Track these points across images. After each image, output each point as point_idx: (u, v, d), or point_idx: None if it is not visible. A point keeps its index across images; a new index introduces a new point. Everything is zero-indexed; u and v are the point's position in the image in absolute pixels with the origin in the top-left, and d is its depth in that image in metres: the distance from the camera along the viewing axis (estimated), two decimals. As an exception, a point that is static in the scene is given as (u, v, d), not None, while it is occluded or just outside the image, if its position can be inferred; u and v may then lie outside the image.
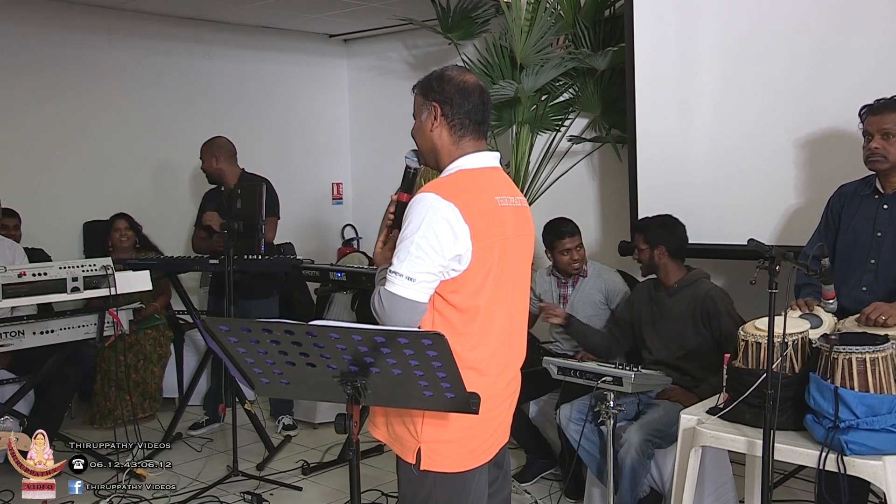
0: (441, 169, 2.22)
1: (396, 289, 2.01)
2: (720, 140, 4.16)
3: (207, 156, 4.82)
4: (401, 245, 2.04)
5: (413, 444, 2.10)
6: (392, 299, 2.01)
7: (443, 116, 2.17)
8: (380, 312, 2.04)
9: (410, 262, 2.01)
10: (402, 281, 2.01)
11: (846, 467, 2.39)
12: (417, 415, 2.09)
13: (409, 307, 2.01)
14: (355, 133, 7.21)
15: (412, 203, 2.07)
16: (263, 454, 4.52)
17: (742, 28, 4.03)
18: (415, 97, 2.25)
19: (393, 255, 2.06)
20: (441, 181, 2.15)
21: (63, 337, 3.98)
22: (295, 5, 5.81)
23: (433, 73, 2.24)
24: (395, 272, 2.02)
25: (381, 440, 2.21)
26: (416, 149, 2.27)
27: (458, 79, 2.19)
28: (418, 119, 2.23)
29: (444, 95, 2.18)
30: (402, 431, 2.12)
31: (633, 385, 3.18)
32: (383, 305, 2.02)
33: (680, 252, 3.69)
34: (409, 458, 2.10)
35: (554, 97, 5.01)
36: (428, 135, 2.21)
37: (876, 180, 3.06)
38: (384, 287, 2.03)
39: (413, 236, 2.01)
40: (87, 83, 5.75)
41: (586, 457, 3.53)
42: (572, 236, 4.07)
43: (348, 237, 7.06)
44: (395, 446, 2.16)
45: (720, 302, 3.53)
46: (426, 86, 2.22)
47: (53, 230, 5.53)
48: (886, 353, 2.45)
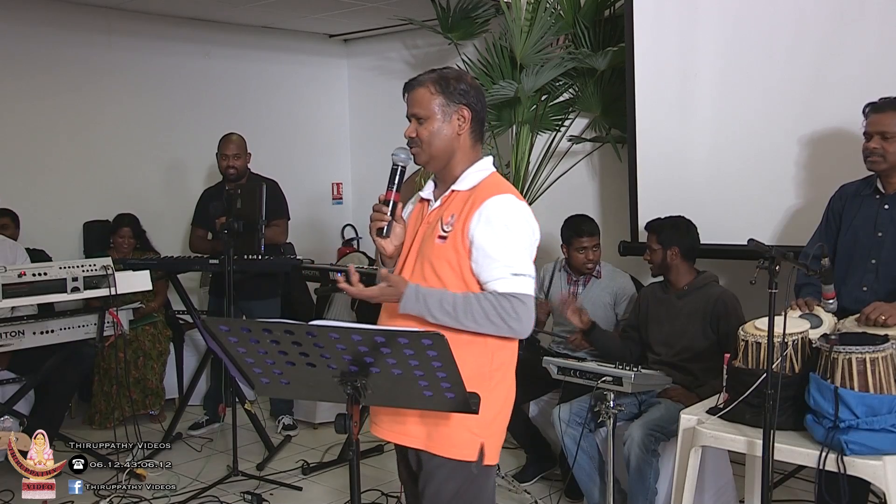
0: (450, 171, 2.22)
1: (528, 288, 2.08)
2: (720, 140, 4.16)
3: (243, 151, 4.81)
4: (506, 246, 2.08)
5: (475, 441, 2.12)
6: (530, 300, 2.08)
7: (470, 120, 2.19)
8: (521, 314, 2.06)
9: (527, 260, 2.10)
10: (528, 281, 2.09)
11: (846, 467, 2.40)
12: (483, 413, 2.08)
13: (535, 303, 2.10)
14: (355, 133, 7.21)
15: (499, 205, 2.10)
16: (263, 454, 4.52)
17: (742, 28, 4.04)
18: (428, 96, 2.18)
19: (498, 257, 2.07)
20: (504, 184, 2.21)
21: (63, 337, 3.98)
22: (295, 5, 5.81)
23: (449, 73, 2.21)
24: (520, 273, 2.07)
25: (411, 445, 2.18)
26: (407, 146, 2.23)
27: (475, 82, 2.23)
28: (435, 120, 2.18)
29: (470, 99, 2.19)
30: (458, 431, 2.11)
31: (633, 385, 3.18)
32: (526, 308, 2.06)
33: (692, 253, 3.69)
34: (470, 456, 2.12)
35: (554, 97, 5.01)
36: (453, 137, 2.19)
37: (877, 180, 3.06)
38: (515, 292, 2.05)
39: (517, 235, 2.10)
40: (87, 83, 5.74)
41: (581, 474, 3.51)
42: (591, 236, 4.06)
43: (348, 237, 7.06)
44: (442, 448, 2.13)
45: (731, 306, 3.54)
46: (448, 87, 2.18)
47: (53, 230, 5.52)
48: (886, 353, 2.45)
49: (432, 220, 2.23)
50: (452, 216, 2.16)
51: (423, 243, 2.21)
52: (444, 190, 2.25)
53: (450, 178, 2.24)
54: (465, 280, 2.13)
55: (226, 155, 4.77)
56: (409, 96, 2.22)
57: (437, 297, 2.08)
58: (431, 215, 2.24)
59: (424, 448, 2.15)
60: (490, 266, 2.09)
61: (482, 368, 2.12)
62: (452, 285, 2.12)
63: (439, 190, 2.29)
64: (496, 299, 2.06)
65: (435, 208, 2.25)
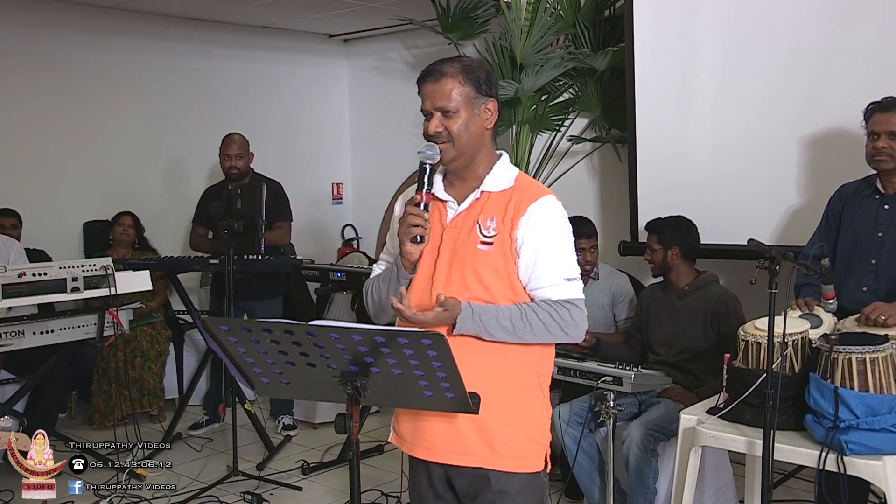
0: (473, 170, 2.10)
1: (580, 292, 2.06)
2: (720, 140, 4.16)
3: (245, 151, 4.81)
4: (558, 251, 2.05)
5: (540, 451, 2.10)
6: (583, 304, 2.05)
7: (496, 114, 2.10)
8: (578, 320, 2.03)
9: (575, 263, 2.07)
10: (579, 284, 2.06)
11: (846, 467, 2.39)
12: (538, 422, 2.09)
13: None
14: (355, 133, 7.21)
15: (547, 207, 2.05)
16: (263, 454, 4.52)
17: (742, 28, 4.03)
18: (458, 88, 2.03)
19: (551, 263, 2.03)
20: (537, 183, 2.17)
21: (63, 337, 3.99)
22: (295, 5, 5.81)
23: (473, 63, 2.09)
24: (572, 278, 2.05)
25: (468, 464, 2.06)
26: (432, 143, 2.05)
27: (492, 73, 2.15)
28: (465, 113, 2.03)
29: (494, 91, 2.09)
30: (523, 444, 2.07)
31: (633, 385, 3.18)
32: (581, 312, 2.04)
33: (693, 253, 3.69)
34: (538, 467, 2.10)
35: (554, 97, 5.01)
36: (483, 132, 2.08)
37: (877, 180, 3.06)
38: (570, 298, 2.02)
39: (566, 239, 2.07)
40: (87, 83, 5.74)
41: (581, 474, 3.51)
42: (589, 237, 4.04)
43: (348, 237, 7.06)
44: (513, 463, 2.06)
45: (731, 306, 3.54)
46: (478, 79, 2.05)
47: (53, 230, 5.52)
48: (886, 353, 2.45)
49: (461, 223, 2.08)
50: (493, 219, 2.04)
51: (455, 249, 2.06)
52: (468, 190, 2.11)
53: (472, 176, 2.11)
54: (513, 287, 2.04)
55: (228, 155, 4.77)
56: (431, 88, 2.04)
57: (492, 313, 1.99)
58: (459, 218, 2.09)
59: (493, 467, 2.05)
60: (543, 272, 2.02)
61: (532, 379, 2.10)
62: (499, 294, 2.03)
63: (458, 190, 2.13)
64: (553, 308, 2.00)
65: (462, 210, 2.09)
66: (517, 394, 2.08)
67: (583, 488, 3.56)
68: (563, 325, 2.01)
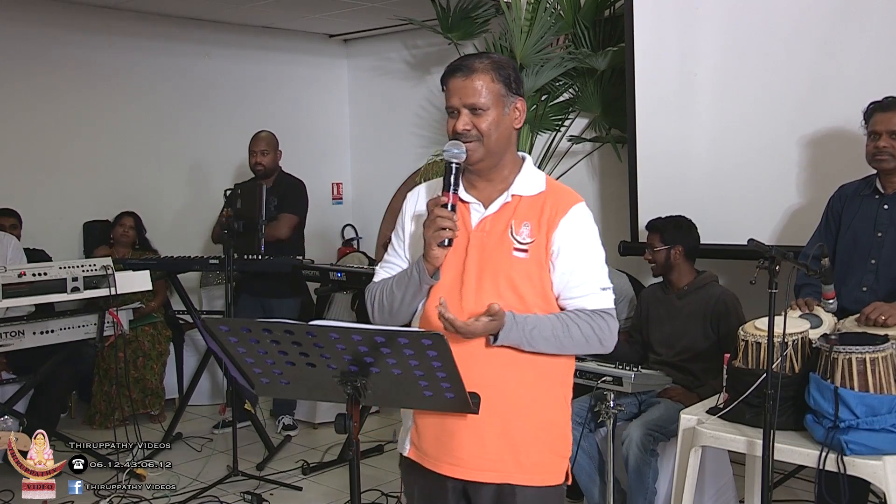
0: (499, 171, 2.02)
1: (613, 301, 2.02)
2: (720, 140, 4.16)
3: (271, 148, 4.80)
4: (594, 260, 2.00)
5: (563, 463, 2.07)
6: (615, 313, 2.02)
7: (524, 114, 2.04)
8: (614, 330, 2.00)
9: (606, 271, 2.03)
10: (612, 293, 2.02)
11: (846, 467, 2.39)
12: (564, 434, 2.07)
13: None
14: (355, 133, 7.20)
15: (582, 215, 2.02)
16: (263, 454, 4.52)
17: (742, 28, 4.03)
18: (490, 84, 1.94)
19: (588, 272, 1.98)
20: (566, 187, 2.12)
21: (63, 337, 3.99)
22: (295, 5, 5.80)
23: (505, 62, 2.00)
24: (607, 287, 2.01)
25: (495, 481, 1.99)
26: (458, 140, 1.96)
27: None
28: (495, 111, 1.95)
29: (521, 90, 2.02)
30: (549, 457, 2.04)
31: (632, 385, 3.18)
32: (616, 322, 2.01)
33: (694, 253, 3.69)
34: (560, 479, 2.06)
35: (554, 97, 5.01)
36: (511, 132, 2.00)
37: (876, 180, 3.06)
38: (606, 308, 1.99)
39: (600, 247, 2.02)
40: (87, 83, 5.74)
41: (581, 474, 3.50)
42: None
43: (348, 237, 7.05)
44: (534, 478, 2.01)
45: (731, 306, 3.54)
46: (508, 76, 1.97)
47: (53, 230, 5.53)
48: (886, 353, 2.45)
49: (489, 227, 2.00)
50: (526, 225, 1.97)
51: (485, 255, 1.98)
52: (493, 192, 2.02)
53: (498, 178, 2.02)
54: (546, 296, 1.98)
55: (254, 151, 4.77)
56: (461, 83, 1.95)
57: (533, 323, 1.92)
58: (486, 222, 2.00)
59: (518, 482, 2.00)
60: (579, 281, 1.97)
61: (558, 391, 2.08)
62: (532, 303, 1.97)
63: (482, 192, 2.04)
64: (591, 318, 1.96)
65: (490, 214, 2.01)
66: (546, 407, 2.05)
67: (583, 488, 3.56)
68: (601, 335, 1.97)
